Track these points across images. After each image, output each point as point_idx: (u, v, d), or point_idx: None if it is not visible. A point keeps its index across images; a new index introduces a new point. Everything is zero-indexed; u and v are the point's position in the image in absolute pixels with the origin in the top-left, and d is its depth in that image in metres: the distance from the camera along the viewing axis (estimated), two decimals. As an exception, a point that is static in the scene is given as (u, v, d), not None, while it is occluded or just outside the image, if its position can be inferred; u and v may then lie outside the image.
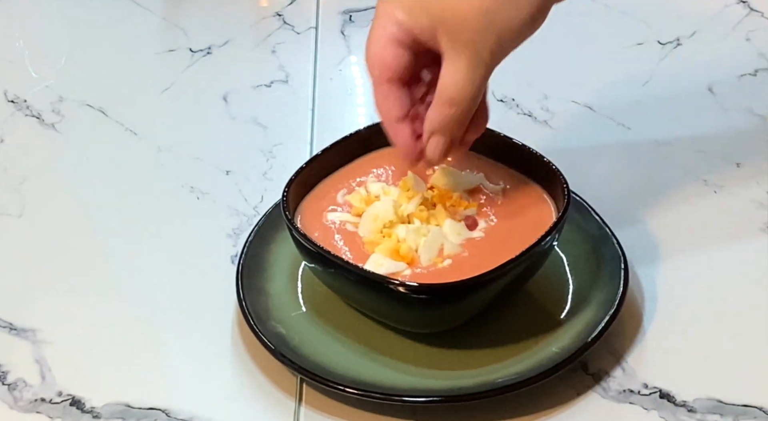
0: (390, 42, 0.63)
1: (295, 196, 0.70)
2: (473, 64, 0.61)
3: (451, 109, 0.62)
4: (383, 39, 0.63)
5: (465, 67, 0.61)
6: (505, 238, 0.67)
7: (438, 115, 0.63)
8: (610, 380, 0.66)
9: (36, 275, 0.75)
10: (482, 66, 0.62)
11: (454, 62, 0.61)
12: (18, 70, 0.96)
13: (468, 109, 0.63)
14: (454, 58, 0.61)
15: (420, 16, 0.61)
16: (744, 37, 0.96)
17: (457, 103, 0.62)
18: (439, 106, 0.62)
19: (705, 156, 0.83)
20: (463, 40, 0.61)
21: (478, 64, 0.61)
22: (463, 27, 0.60)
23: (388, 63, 0.63)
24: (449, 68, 0.62)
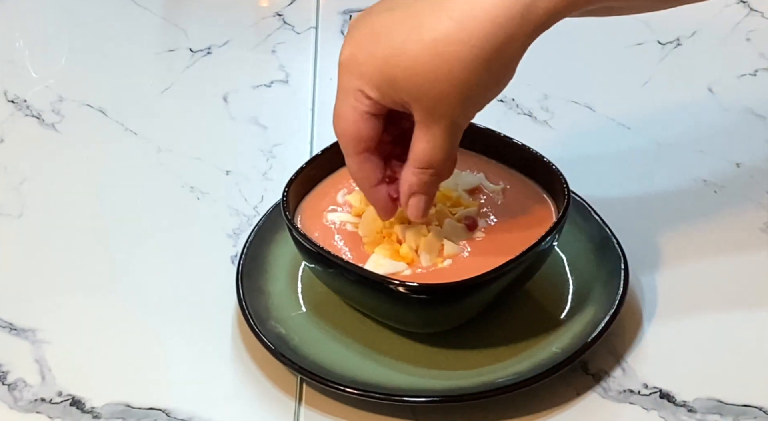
0: (363, 116, 0.62)
1: (295, 196, 0.70)
2: (449, 131, 0.61)
3: (428, 173, 0.62)
4: (356, 114, 0.61)
5: (441, 135, 0.61)
6: (505, 238, 0.67)
7: (416, 178, 0.63)
8: (610, 380, 0.66)
9: (36, 275, 0.75)
10: (458, 132, 0.62)
11: (429, 130, 0.61)
12: (18, 70, 0.96)
13: (445, 170, 0.63)
14: (428, 126, 0.61)
15: (391, 93, 0.60)
16: (744, 37, 0.96)
17: (433, 166, 0.62)
18: (416, 170, 0.62)
19: (705, 156, 0.83)
20: (438, 113, 0.60)
21: (454, 131, 0.61)
22: (441, 105, 0.59)
23: (363, 135, 0.62)
24: (425, 136, 0.61)
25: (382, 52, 0.59)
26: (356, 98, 0.61)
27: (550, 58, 0.93)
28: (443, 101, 0.59)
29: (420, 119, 0.61)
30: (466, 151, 0.72)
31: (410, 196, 0.63)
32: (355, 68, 0.61)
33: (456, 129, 0.61)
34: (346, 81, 0.61)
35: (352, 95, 0.61)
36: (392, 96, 0.60)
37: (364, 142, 0.62)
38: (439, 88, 0.59)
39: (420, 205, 0.64)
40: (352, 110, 0.62)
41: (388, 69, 0.59)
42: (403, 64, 0.59)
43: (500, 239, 0.67)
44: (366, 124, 0.62)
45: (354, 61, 0.61)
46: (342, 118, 0.62)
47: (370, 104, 0.61)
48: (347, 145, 0.63)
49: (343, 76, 0.62)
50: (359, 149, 0.63)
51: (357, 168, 0.64)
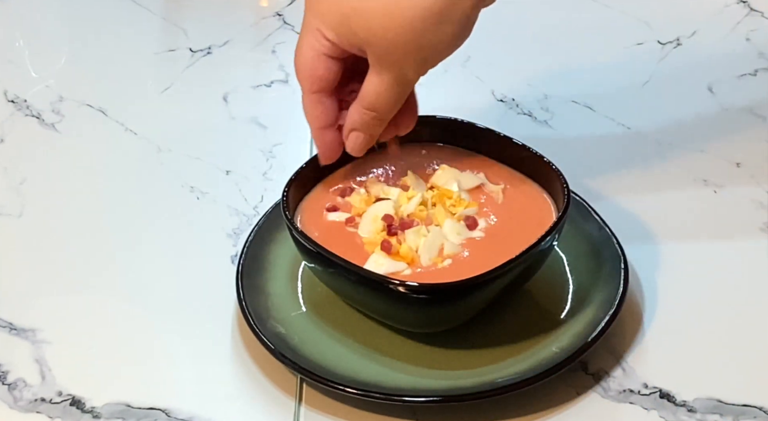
0: (320, 55, 0.63)
1: (295, 196, 0.70)
2: (396, 81, 0.62)
3: (370, 114, 0.64)
4: (313, 52, 0.63)
5: (388, 83, 0.62)
6: (505, 238, 0.67)
7: (358, 116, 0.64)
8: (610, 380, 0.66)
9: (36, 275, 0.75)
10: (405, 83, 0.63)
11: (379, 76, 0.62)
12: (18, 70, 0.96)
13: (387, 114, 0.65)
14: (378, 72, 0.62)
15: (348, 35, 0.62)
16: (744, 37, 0.96)
17: (376, 110, 0.64)
18: (360, 108, 0.64)
19: (705, 156, 0.83)
20: (389, 61, 0.62)
21: (401, 81, 0.63)
22: (390, 50, 0.61)
23: (319, 74, 0.64)
24: (373, 80, 0.63)
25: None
26: (315, 38, 0.63)
27: (550, 58, 0.93)
28: (395, 49, 0.61)
29: (372, 63, 0.62)
30: (466, 151, 0.72)
31: (350, 131, 0.65)
32: (316, 7, 0.62)
33: (404, 80, 0.63)
34: (308, 18, 0.63)
35: (311, 34, 0.63)
36: (348, 38, 0.62)
37: (319, 81, 0.64)
38: (392, 35, 0.60)
39: (357, 142, 0.66)
40: (310, 49, 0.63)
41: (346, 11, 0.61)
42: (359, 9, 0.60)
43: (500, 239, 0.67)
44: (322, 65, 0.63)
45: (316, 1, 0.62)
46: (300, 55, 0.64)
47: (328, 46, 0.63)
48: (303, 82, 0.65)
49: (308, 13, 0.63)
50: (314, 88, 0.64)
51: (309, 107, 0.65)
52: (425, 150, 0.73)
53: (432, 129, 0.72)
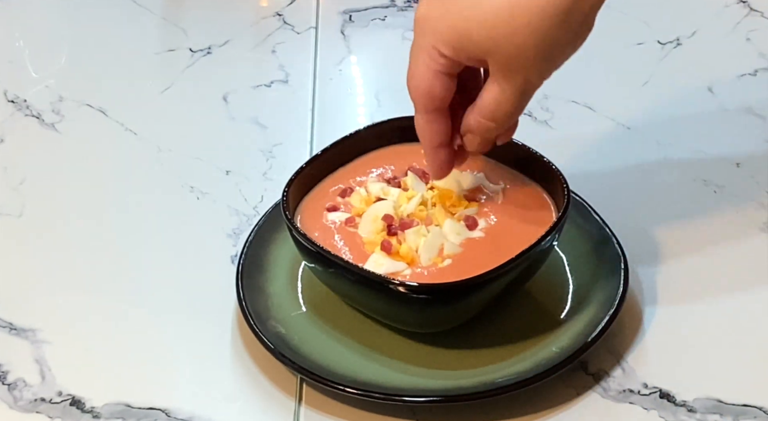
0: (437, 74, 0.61)
1: (295, 196, 0.70)
2: (520, 89, 0.61)
3: (490, 123, 0.62)
4: (429, 72, 0.61)
5: (512, 91, 0.60)
6: (505, 238, 0.67)
7: (476, 124, 0.63)
8: (610, 380, 0.66)
9: (36, 275, 0.75)
10: (529, 90, 0.61)
11: (501, 85, 0.60)
12: (18, 70, 0.97)
13: (506, 124, 0.63)
14: (501, 80, 0.60)
15: (468, 48, 0.60)
16: (744, 37, 0.96)
17: (496, 120, 0.62)
18: (480, 117, 0.62)
19: (705, 156, 0.82)
20: (515, 68, 0.59)
21: (524, 88, 0.61)
22: (518, 58, 0.59)
23: (436, 93, 0.62)
24: (496, 88, 0.61)
25: (456, 7, 0.59)
26: (430, 56, 0.61)
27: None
28: (519, 55, 0.59)
29: (493, 72, 0.60)
30: (466, 151, 0.72)
31: (467, 134, 0.64)
32: (429, 25, 0.60)
33: (529, 87, 0.61)
34: (421, 38, 0.61)
35: (426, 53, 0.61)
36: (467, 52, 0.60)
37: (435, 101, 0.62)
38: (516, 40, 0.58)
39: (475, 142, 0.64)
40: (425, 68, 0.61)
41: (463, 23, 0.59)
42: (478, 18, 0.58)
43: (500, 239, 0.67)
44: (439, 83, 0.62)
45: (428, 18, 0.60)
46: (416, 75, 0.62)
47: (445, 63, 0.61)
48: (418, 101, 0.63)
49: (418, 34, 0.61)
50: (429, 108, 0.63)
51: (424, 126, 0.64)
52: (425, 150, 0.73)
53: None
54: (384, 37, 0.99)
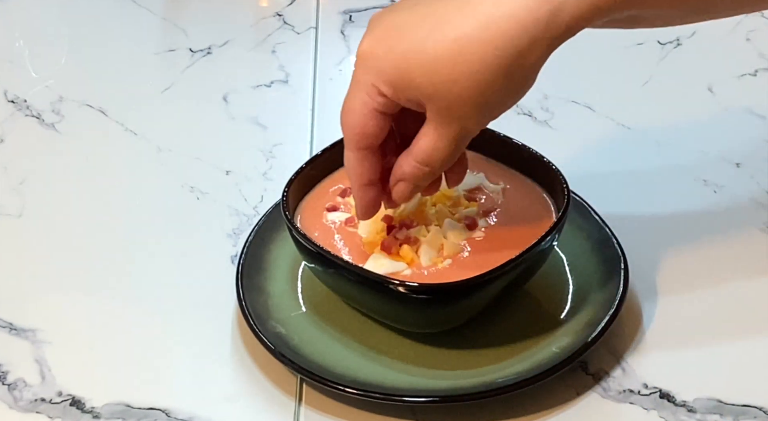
0: (372, 113, 0.60)
1: (295, 197, 0.70)
2: (458, 136, 0.60)
3: (423, 168, 0.61)
4: (365, 109, 0.60)
5: (448, 138, 0.60)
6: (505, 238, 0.67)
7: (410, 169, 0.62)
8: (610, 380, 0.66)
9: (36, 275, 0.75)
10: (465, 137, 0.60)
11: (438, 130, 0.60)
12: (18, 70, 0.97)
13: (440, 169, 0.62)
14: (438, 127, 0.59)
15: (407, 90, 0.59)
16: (744, 37, 0.96)
17: (430, 165, 0.61)
18: (413, 162, 0.61)
19: (705, 156, 0.83)
20: (453, 115, 0.59)
21: (461, 136, 0.60)
22: (457, 106, 0.58)
23: (369, 131, 0.61)
24: (431, 135, 0.60)
25: (401, 47, 0.58)
26: (368, 93, 0.60)
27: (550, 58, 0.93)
28: (458, 104, 0.58)
29: (431, 118, 0.60)
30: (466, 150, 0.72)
31: (398, 181, 0.63)
32: (371, 62, 0.60)
33: (465, 134, 0.60)
34: (360, 74, 0.60)
35: (364, 90, 0.60)
36: (406, 93, 0.59)
37: (367, 138, 0.61)
38: (457, 89, 0.57)
39: (405, 192, 0.63)
40: (362, 105, 0.60)
41: (406, 65, 0.58)
42: (421, 61, 0.58)
43: (500, 239, 0.67)
44: (373, 122, 0.61)
45: (371, 55, 0.60)
46: (350, 111, 0.61)
47: (382, 102, 0.60)
48: (350, 139, 0.62)
49: (359, 69, 0.60)
50: (361, 145, 0.62)
51: (354, 163, 0.63)
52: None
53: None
54: (384, 37, 0.99)
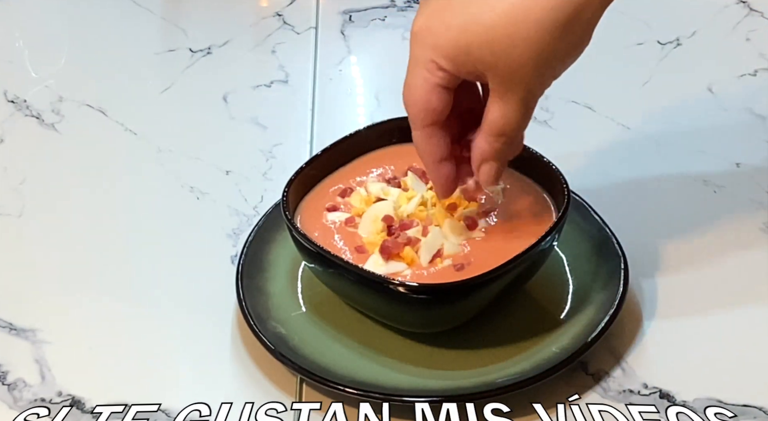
0: (434, 88, 0.61)
1: (295, 197, 0.70)
2: (525, 101, 0.60)
3: (500, 141, 0.62)
4: (427, 85, 0.61)
5: (516, 104, 0.60)
6: (505, 238, 0.67)
7: (489, 146, 0.62)
8: (610, 380, 0.66)
9: (36, 275, 0.75)
10: (532, 100, 0.61)
11: (504, 99, 0.60)
12: (18, 70, 0.97)
13: (518, 137, 0.63)
14: (503, 95, 0.60)
15: (468, 62, 0.59)
16: (744, 37, 0.96)
17: (507, 135, 0.62)
18: (490, 138, 0.62)
19: (705, 156, 0.83)
20: (516, 81, 0.59)
21: (529, 100, 0.61)
22: (518, 72, 0.59)
23: (434, 107, 0.62)
24: (499, 104, 0.60)
25: (456, 21, 0.59)
26: (428, 70, 0.60)
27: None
28: (520, 68, 0.59)
29: (495, 87, 0.60)
30: (466, 151, 0.72)
31: (482, 163, 0.63)
32: (428, 39, 0.60)
33: (531, 97, 0.60)
34: (419, 52, 0.61)
35: (424, 66, 0.61)
36: (467, 66, 0.60)
37: (433, 114, 0.62)
38: (516, 53, 0.58)
39: (491, 172, 0.63)
40: (423, 81, 0.61)
41: (464, 38, 0.59)
42: (479, 32, 0.58)
43: (500, 239, 0.67)
44: (437, 97, 0.61)
45: (427, 31, 0.60)
46: (413, 89, 0.61)
47: (443, 76, 0.60)
48: (416, 117, 0.62)
49: (416, 46, 0.61)
50: (427, 122, 0.62)
51: (423, 141, 0.63)
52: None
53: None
54: (384, 37, 0.99)
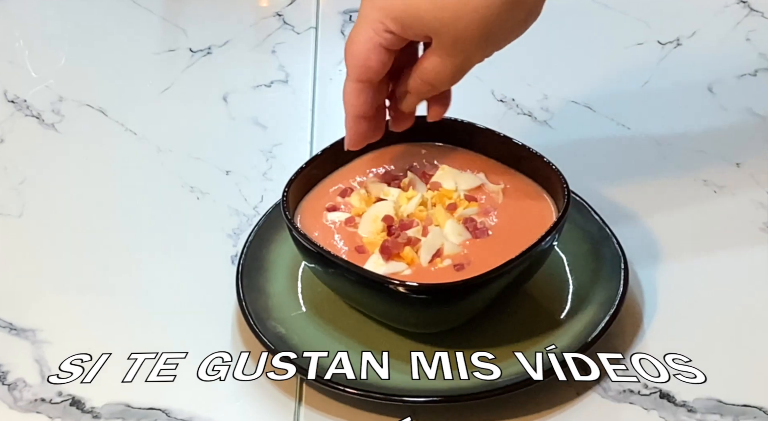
0: (376, 47, 0.63)
1: (295, 197, 0.70)
2: (461, 65, 0.63)
3: (426, 87, 0.64)
4: (370, 44, 0.63)
5: (452, 66, 0.62)
6: (505, 238, 0.67)
7: (416, 84, 0.65)
8: (610, 380, 0.66)
9: (36, 275, 0.75)
10: (469, 66, 0.63)
11: (442, 58, 0.62)
12: (18, 70, 0.96)
13: (443, 88, 0.65)
14: (442, 55, 0.62)
15: (415, 26, 0.61)
16: (744, 37, 0.96)
17: (434, 85, 0.64)
18: (419, 81, 0.64)
19: (705, 156, 0.83)
20: (458, 49, 0.62)
21: (465, 65, 0.63)
22: (463, 39, 0.61)
23: (371, 65, 0.63)
24: (436, 60, 0.63)
25: None
26: (375, 30, 0.62)
27: (550, 58, 0.93)
28: (464, 38, 0.60)
29: (437, 47, 0.62)
30: (466, 151, 0.72)
31: (405, 93, 0.66)
32: (379, 1, 0.62)
33: (468, 64, 0.63)
34: (368, 10, 0.62)
35: (370, 25, 0.62)
36: (414, 29, 0.61)
37: (368, 72, 0.64)
38: (462, 24, 0.60)
39: (411, 102, 0.66)
40: (366, 39, 0.63)
41: (413, 2, 0.60)
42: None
43: (500, 239, 0.67)
44: (377, 56, 0.63)
45: None
46: (355, 43, 0.63)
47: (389, 37, 0.62)
48: (352, 70, 0.64)
49: (367, 4, 0.62)
50: (361, 78, 0.64)
51: (351, 95, 0.65)
52: (425, 150, 0.73)
53: (431, 129, 0.72)
54: (384, 37, 0.99)
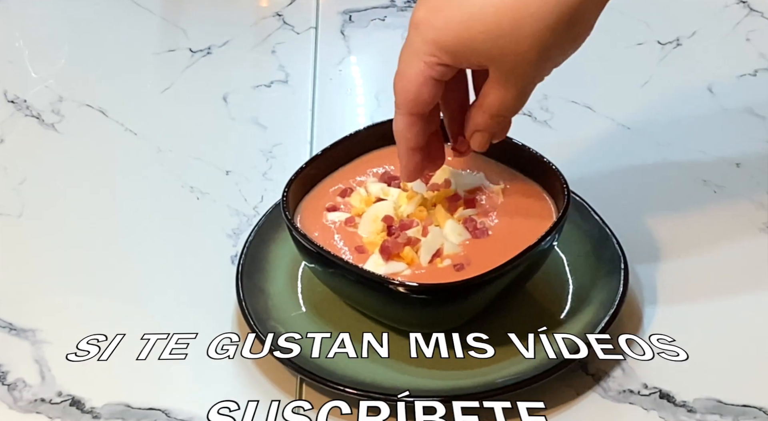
0: (428, 80, 0.62)
1: (295, 197, 0.70)
2: (523, 89, 0.62)
3: (495, 120, 0.64)
4: (421, 77, 0.62)
5: (515, 92, 0.62)
6: (505, 238, 0.67)
7: (483, 121, 0.64)
8: (610, 380, 0.66)
9: (36, 275, 0.75)
10: (531, 89, 0.62)
11: (504, 86, 0.61)
12: (18, 70, 0.97)
13: (511, 118, 0.65)
14: (504, 83, 0.61)
15: (469, 57, 0.60)
16: (744, 37, 0.96)
17: (502, 116, 0.64)
18: (485, 116, 0.63)
19: (705, 156, 0.83)
20: (518, 74, 0.61)
21: (528, 89, 0.62)
22: (521, 65, 0.60)
23: (423, 99, 0.63)
24: (498, 89, 0.62)
25: (459, 17, 0.59)
26: (426, 63, 0.61)
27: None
28: (523, 62, 0.60)
29: (496, 76, 0.61)
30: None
31: (474, 132, 0.65)
32: (430, 34, 0.61)
33: (530, 87, 0.62)
34: (418, 43, 0.61)
35: (422, 59, 0.61)
36: (469, 60, 0.61)
37: (420, 105, 0.63)
38: (520, 49, 0.59)
39: (482, 140, 0.65)
40: (418, 73, 0.62)
41: (467, 34, 0.59)
42: (482, 28, 0.59)
43: (500, 239, 0.67)
44: (427, 89, 0.62)
45: (429, 25, 0.61)
46: (406, 77, 0.62)
47: (440, 70, 0.62)
48: (403, 104, 0.63)
49: (416, 37, 0.61)
50: (413, 111, 0.63)
51: (403, 128, 0.64)
52: (425, 150, 0.73)
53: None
54: (384, 37, 0.99)
